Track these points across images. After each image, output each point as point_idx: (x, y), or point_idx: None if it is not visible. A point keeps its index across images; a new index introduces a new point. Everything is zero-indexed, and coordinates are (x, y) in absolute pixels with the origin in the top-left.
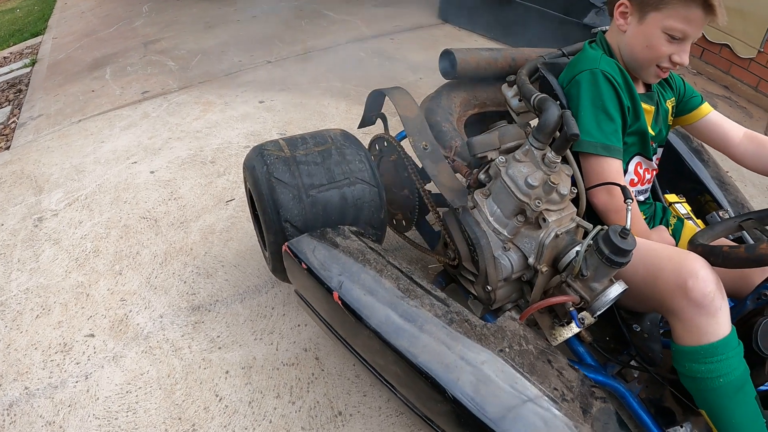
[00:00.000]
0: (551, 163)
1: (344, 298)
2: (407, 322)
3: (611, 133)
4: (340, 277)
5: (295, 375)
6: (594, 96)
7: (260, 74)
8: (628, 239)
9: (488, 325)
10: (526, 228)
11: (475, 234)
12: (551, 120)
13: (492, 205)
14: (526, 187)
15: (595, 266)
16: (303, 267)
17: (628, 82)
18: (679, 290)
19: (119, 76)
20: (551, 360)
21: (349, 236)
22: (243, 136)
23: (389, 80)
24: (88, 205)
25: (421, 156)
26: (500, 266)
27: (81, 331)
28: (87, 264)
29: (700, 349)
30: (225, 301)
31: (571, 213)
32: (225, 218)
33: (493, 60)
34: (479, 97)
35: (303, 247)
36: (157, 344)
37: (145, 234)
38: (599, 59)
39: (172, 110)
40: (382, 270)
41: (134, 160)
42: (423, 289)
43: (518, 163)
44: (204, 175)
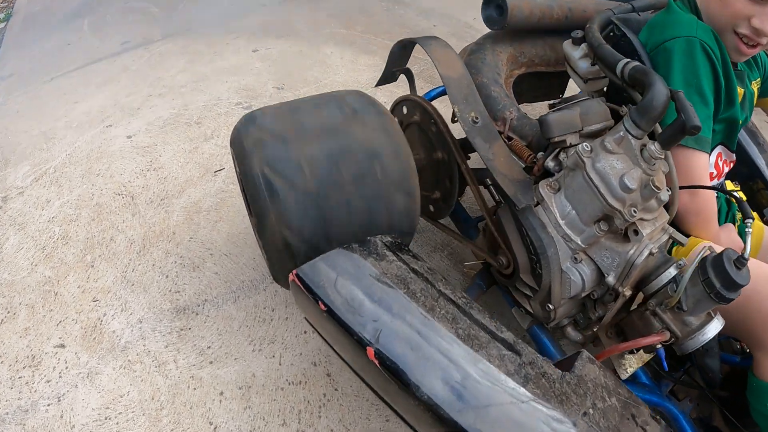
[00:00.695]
0: (653, 158)
1: (383, 355)
2: (472, 386)
3: (703, 120)
4: (375, 324)
5: (303, 396)
6: (688, 71)
7: (254, 19)
8: (744, 271)
9: (567, 377)
10: (609, 238)
11: (541, 241)
12: (659, 101)
13: (564, 205)
14: (620, 189)
15: (697, 299)
16: (321, 308)
17: (726, 58)
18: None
19: (98, 26)
20: (635, 414)
21: (384, 254)
22: (234, 91)
23: (399, 27)
24: (57, 180)
25: (470, 131)
26: (569, 282)
27: (50, 341)
28: (55, 254)
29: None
30: (215, 300)
31: (663, 222)
32: (213, 193)
33: (548, 8)
34: (527, 53)
35: (320, 278)
36: (137, 357)
37: (120, 215)
38: (695, 25)
39: (153, 62)
40: (433, 307)
41: (109, 123)
42: (487, 331)
43: (609, 155)
44: (188, 139)
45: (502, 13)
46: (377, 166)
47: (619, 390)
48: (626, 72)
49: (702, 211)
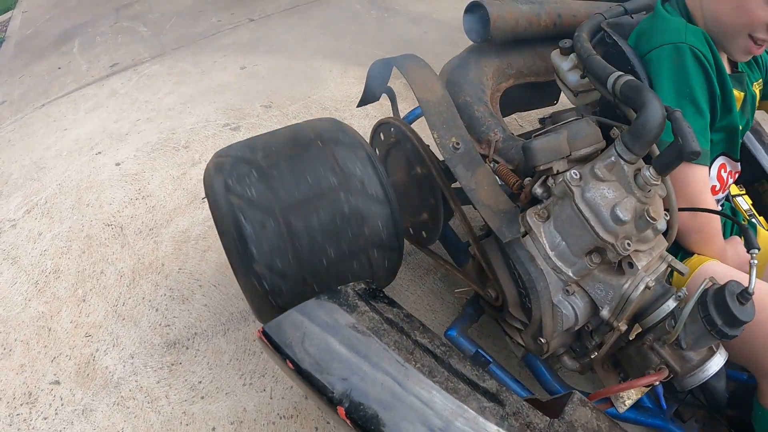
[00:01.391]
0: (648, 185)
1: (354, 415)
2: None
3: (699, 132)
4: (345, 384)
5: (295, 430)
6: (679, 81)
7: (241, 35)
8: (748, 307)
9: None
10: (601, 270)
11: (529, 275)
12: (654, 124)
13: (554, 236)
14: (612, 222)
15: (697, 336)
16: (289, 366)
17: (719, 62)
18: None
19: (87, 48)
20: None
21: (355, 304)
22: (221, 111)
23: (389, 36)
24: (48, 211)
25: (450, 159)
26: (560, 316)
27: (45, 377)
28: (47, 289)
29: None
30: (205, 333)
31: (661, 250)
32: (201, 220)
33: (535, 17)
34: (515, 64)
35: (286, 335)
36: (129, 394)
37: (109, 246)
38: (684, 30)
39: (142, 85)
40: (407, 359)
41: (98, 150)
42: (467, 381)
43: (600, 183)
44: (176, 165)
45: (484, 25)
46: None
47: None
48: (618, 87)
49: (704, 228)
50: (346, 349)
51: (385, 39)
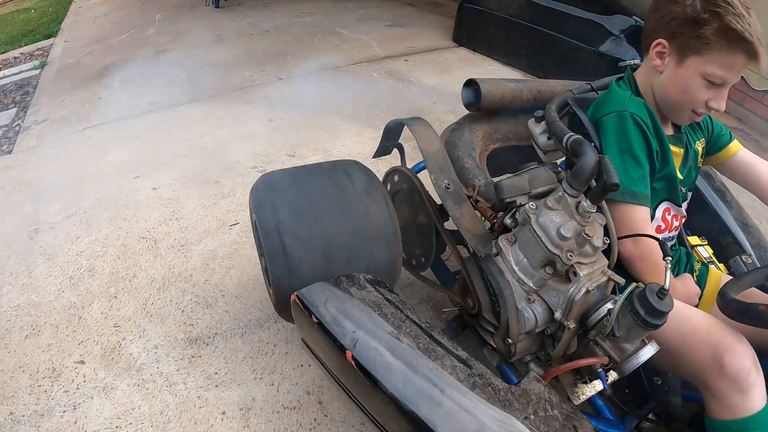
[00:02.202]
0: (585, 212)
1: (358, 358)
2: (427, 386)
3: (638, 179)
4: (354, 334)
5: (296, 419)
6: (621, 140)
7: (271, 91)
8: (666, 300)
9: (512, 388)
10: (554, 280)
11: (499, 284)
12: (588, 166)
13: (518, 254)
14: (558, 238)
15: (628, 327)
16: (313, 320)
17: (657, 125)
18: (715, 366)
19: (128, 85)
20: (577, 426)
21: (365, 286)
22: (251, 156)
23: (403, 104)
24: (87, 220)
25: (442, 195)
26: (523, 319)
27: (71, 357)
28: (81, 284)
29: (732, 423)
30: (224, 334)
31: (602, 266)
32: (228, 243)
33: (519, 92)
34: (501, 130)
35: (314, 298)
36: (150, 377)
37: (143, 255)
38: (627, 100)
39: (179, 124)
40: (400, 326)
41: (136, 175)
42: (444, 348)
43: (550, 211)
44: (208, 195)
45: (477, 97)
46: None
47: (563, 406)
48: (569, 143)
49: (646, 256)
50: (355, 312)
51: (398, 106)
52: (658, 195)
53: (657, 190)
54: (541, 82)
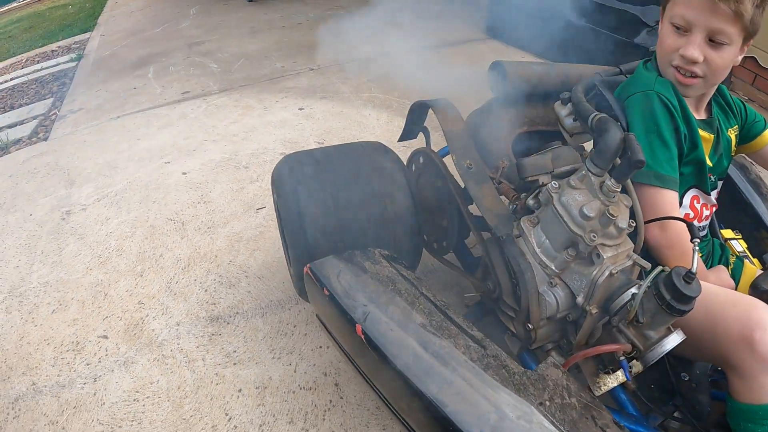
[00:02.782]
0: (610, 192)
1: (368, 332)
2: (438, 365)
3: (666, 161)
4: (365, 308)
5: (311, 400)
6: (647, 119)
7: (302, 81)
8: (693, 284)
9: (528, 372)
10: (577, 263)
11: (519, 266)
12: (612, 143)
13: (540, 235)
14: (580, 218)
15: (653, 312)
16: (325, 293)
17: (684, 107)
18: (744, 342)
19: (161, 75)
20: (595, 416)
21: (380, 261)
22: (279, 142)
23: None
24: (117, 202)
25: (464, 175)
26: (545, 303)
27: (95, 331)
28: (109, 262)
29: (758, 409)
30: (245, 314)
31: (627, 249)
32: (254, 226)
33: (546, 75)
34: (528, 114)
35: (326, 271)
36: (170, 353)
37: (170, 236)
38: (654, 81)
39: (210, 112)
40: (413, 302)
41: (167, 160)
42: (458, 326)
43: (573, 190)
44: (236, 180)
45: (503, 81)
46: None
47: (581, 394)
48: (593, 123)
49: (675, 244)
50: (368, 286)
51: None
52: (686, 181)
53: (685, 176)
54: (568, 66)
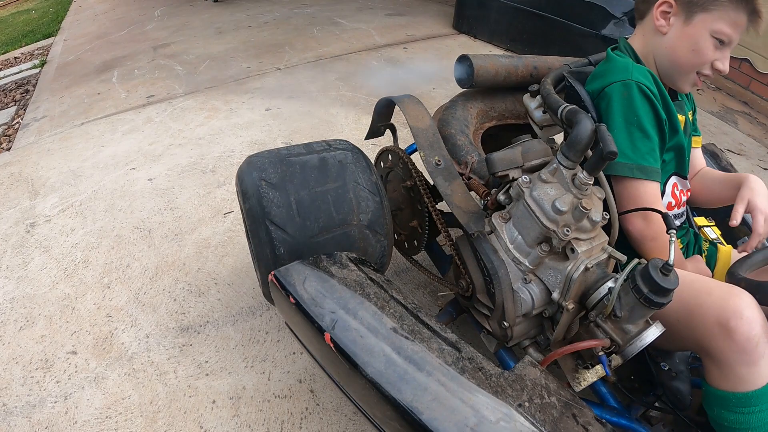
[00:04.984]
0: (582, 184)
1: (337, 340)
2: (411, 370)
3: (647, 152)
4: (333, 315)
5: (287, 408)
6: (627, 111)
7: (269, 81)
8: (671, 276)
9: (505, 374)
10: (551, 258)
11: (492, 263)
12: (584, 135)
13: (512, 231)
14: (553, 212)
15: (631, 306)
16: (291, 300)
17: (663, 93)
18: (721, 330)
19: (126, 79)
20: (576, 414)
21: (347, 264)
22: (246, 144)
23: (402, 90)
24: (82, 212)
25: (432, 172)
26: (519, 300)
27: (64, 348)
28: (75, 275)
29: (733, 396)
30: (216, 322)
31: (602, 242)
32: (222, 231)
33: (513, 68)
34: (497, 108)
35: (292, 278)
36: (141, 367)
37: (137, 245)
38: (631, 68)
39: (176, 116)
40: (383, 306)
41: (133, 166)
42: (431, 330)
43: (544, 184)
44: (203, 185)
45: (470, 74)
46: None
47: (561, 392)
48: (563, 114)
49: (658, 235)
50: (335, 292)
51: (397, 92)
52: (668, 168)
53: (666, 163)
54: (537, 58)
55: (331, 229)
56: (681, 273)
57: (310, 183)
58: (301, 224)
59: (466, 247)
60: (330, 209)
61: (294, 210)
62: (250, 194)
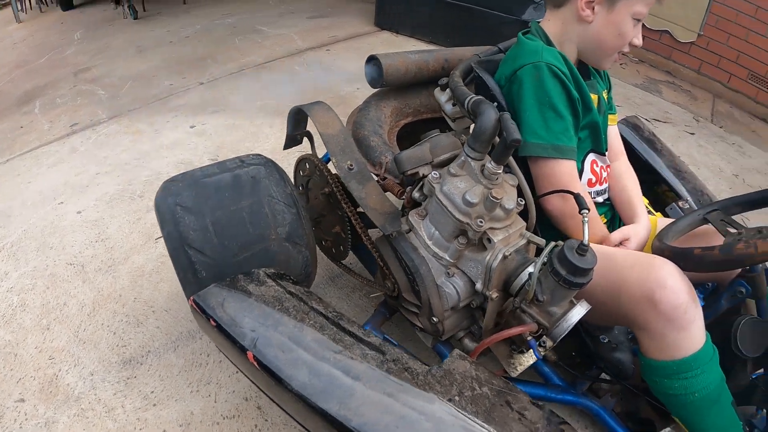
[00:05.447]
0: (492, 174)
1: (260, 357)
2: (335, 379)
3: (561, 131)
4: (253, 334)
5: (236, 428)
6: (539, 92)
7: (192, 97)
8: (587, 256)
9: (433, 370)
10: (470, 250)
11: (413, 261)
12: (488, 125)
13: (429, 227)
14: (464, 205)
15: (552, 289)
16: (212, 324)
17: (574, 72)
18: (647, 302)
19: (48, 108)
20: (510, 401)
21: (265, 281)
22: (173, 165)
23: (325, 93)
24: (14, 254)
25: (345, 177)
26: (445, 295)
27: (11, 397)
28: (14, 320)
29: (672, 364)
30: (157, 351)
31: (519, 228)
32: (155, 258)
33: (424, 63)
34: (412, 104)
35: (210, 301)
36: (89, 405)
37: (72, 282)
38: (541, 50)
39: (100, 142)
40: (303, 319)
41: (61, 200)
42: (353, 336)
43: (454, 178)
44: (132, 212)
45: (380, 73)
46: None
47: (493, 381)
48: (470, 105)
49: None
50: (254, 310)
51: (321, 96)
52: (584, 146)
53: (582, 141)
54: (448, 51)
55: (250, 247)
56: (604, 249)
57: (225, 203)
58: (220, 245)
59: (387, 248)
60: (246, 227)
61: (211, 232)
62: (167, 221)
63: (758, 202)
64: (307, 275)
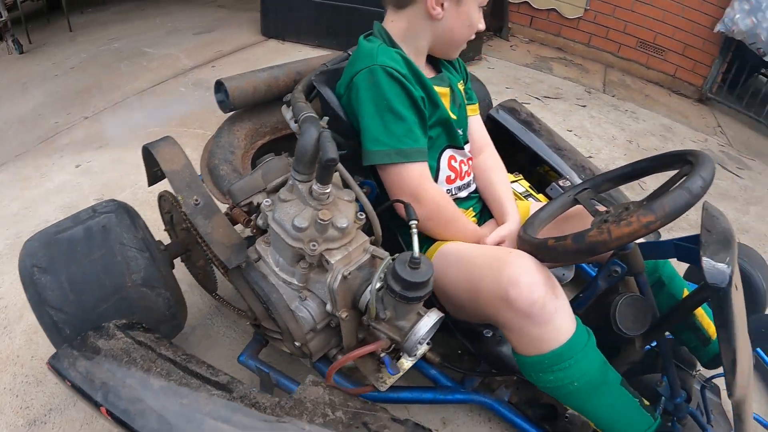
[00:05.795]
0: (320, 195)
1: (112, 410)
2: (182, 423)
3: (404, 134)
4: (104, 388)
5: None
6: (376, 97)
7: (77, 133)
8: (421, 269)
9: (282, 402)
10: (315, 273)
11: (263, 290)
12: (308, 145)
13: (275, 254)
14: (294, 231)
15: (393, 305)
16: (68, 384)
17: (415, 70)
18: (502, 302)
19: None
20: (368, 422)
21: (114, 334)
22: (60, 210)
23: (211, 113)
24: None
25: (191, 214)
26: (300, 319)
27: None
28: None
29: (542, 358)
30: (59, 407)
31: (362, 243)
32: None
33: (274, 79)
34: (268, 122)
35: (63, 362)
36: None
37: None
38: (375, 53)
39: None
40: (150, 368)
41: None
42: (200, 378)
43: (284, 204)
44: None
45: (228, 97)
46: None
47: (349, 404)
48: (300, 124)
49: (434, 215)
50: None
51: (207, 117)
52: (438, 143)
53: (435, 139)
54: (301, 62)
55: (107, 298)
56: (462, 250)
57: (78, 257)
58: (77, 301)
59: (239, 279)
60: (101, 278)
61: (66, 288)
62: (27, 283)
63: (628, 176)
64: (173, 315)
